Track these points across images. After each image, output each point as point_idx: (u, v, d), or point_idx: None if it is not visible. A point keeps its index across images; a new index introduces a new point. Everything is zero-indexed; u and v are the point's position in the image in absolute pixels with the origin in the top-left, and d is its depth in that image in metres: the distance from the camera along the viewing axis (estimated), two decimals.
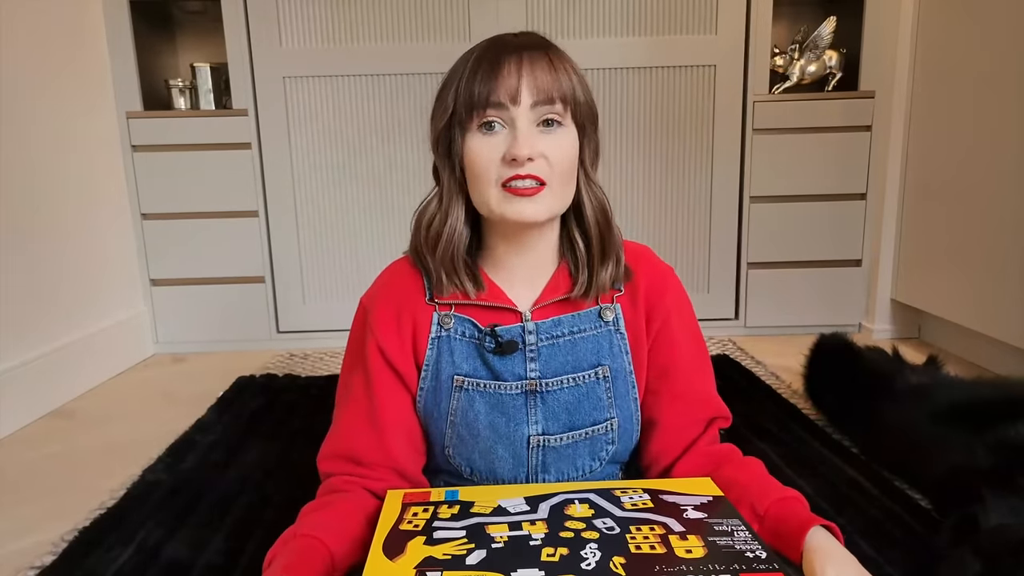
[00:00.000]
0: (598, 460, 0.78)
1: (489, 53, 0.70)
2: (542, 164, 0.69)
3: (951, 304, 1.83)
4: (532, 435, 0.75)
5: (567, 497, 0.67)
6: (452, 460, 0.78)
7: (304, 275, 2.14)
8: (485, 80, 0.68)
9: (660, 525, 0.61)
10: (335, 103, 2.04)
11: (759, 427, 1.39)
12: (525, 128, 0.68)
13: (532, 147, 0.67)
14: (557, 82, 0.69)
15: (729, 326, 2.19)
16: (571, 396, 0.75)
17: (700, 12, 2.01)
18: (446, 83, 0.72)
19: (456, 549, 0.58)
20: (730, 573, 0.54)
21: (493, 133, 0.69)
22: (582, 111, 0.72)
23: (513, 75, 0.68)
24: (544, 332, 0.75)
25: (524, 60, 0.68)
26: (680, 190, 2.12)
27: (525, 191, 0.68)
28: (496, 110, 0.68)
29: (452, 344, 0.75)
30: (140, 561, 0.99)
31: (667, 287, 0.79)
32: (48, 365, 1.68)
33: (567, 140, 0.70)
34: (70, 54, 1.83)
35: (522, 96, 0.68)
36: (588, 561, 0.56)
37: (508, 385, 0.74)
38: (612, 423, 0.77)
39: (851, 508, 1.09)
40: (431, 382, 0.76)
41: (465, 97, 0.69)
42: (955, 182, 1.78)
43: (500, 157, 0.68)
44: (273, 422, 1.52)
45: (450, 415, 0.76)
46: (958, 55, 1.76)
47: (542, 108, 0.69)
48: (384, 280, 0.81)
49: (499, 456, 0.75)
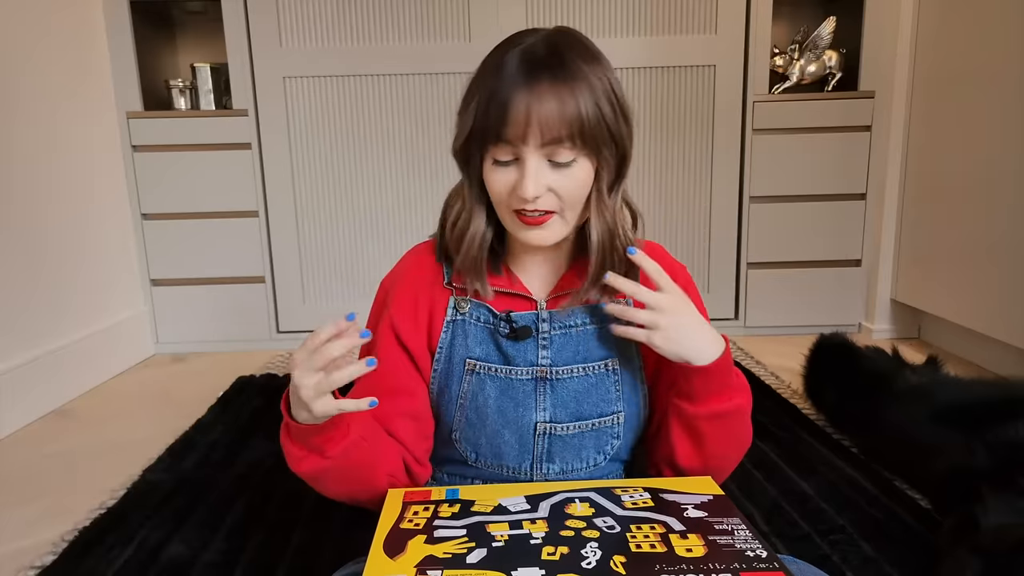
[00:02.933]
0: (603, 454, 0.79)
1: (506, 73, 0.68)
2: (550, 198, 0.70)
3: (951, 304, 1.83)
4: (539, 421, 0.76)
5: (567, 496, 0.67)
6: (458, 445, 0.80)
7: (304, 275, 2.14)
8: (497, 115, 0.68)
9: (660, 524, 0.61)
10: (335, 103, 2.05)
11: (759, 427, 1.38)
12: (533, 168, 0.68)
13: (538, 187, 0.68)
14: (565, 119, 0.67)
15: (729, 326, 2.19)
16: (580, 385, 0.77)
17: (700, 12, 2.01)
18: (469, 92, 0.72)
19: (457, 548, 0.58)
20: (730, 572, 0.54)
21: (506, 167, 0.70)
22: (598, 137, 0.69)
23: (521, 115, 0.66)
24: (557, 321, 0.77)
25: (534, 95, 0.66)
26: (680, 190, 2.12)
27: (533, 221, 0.70)
28: (507, 147, 0.69)
29: (467, 328, 0.77)
30: (140, 561, 0.99)
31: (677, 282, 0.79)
32: (48, 365, 1.68)
33: (578, 175, 0.70)
34: (70, 54, 1.83)
35: (530, 136, 0.67)
36: (588, 560, 0.56)
37: (519, 370, 0.76)
38: (619, 417, 0.78)
39: (851, 508, 1.09)
40: (444, 364, 0.78)
41: (481, 125, 0.69)
42: (955, 182, 1.78)
43: (511, 188, 0.70)
44: (273, 422, 1.51)
45: (460, 398, 0.77)
46: (958, 55, 1.76)
47: (549, 148, 0.68)
48: (406, 263, 0.83)
49: (505, 441, 0.77)
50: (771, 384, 1.68)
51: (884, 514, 1.07)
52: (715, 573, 0.54)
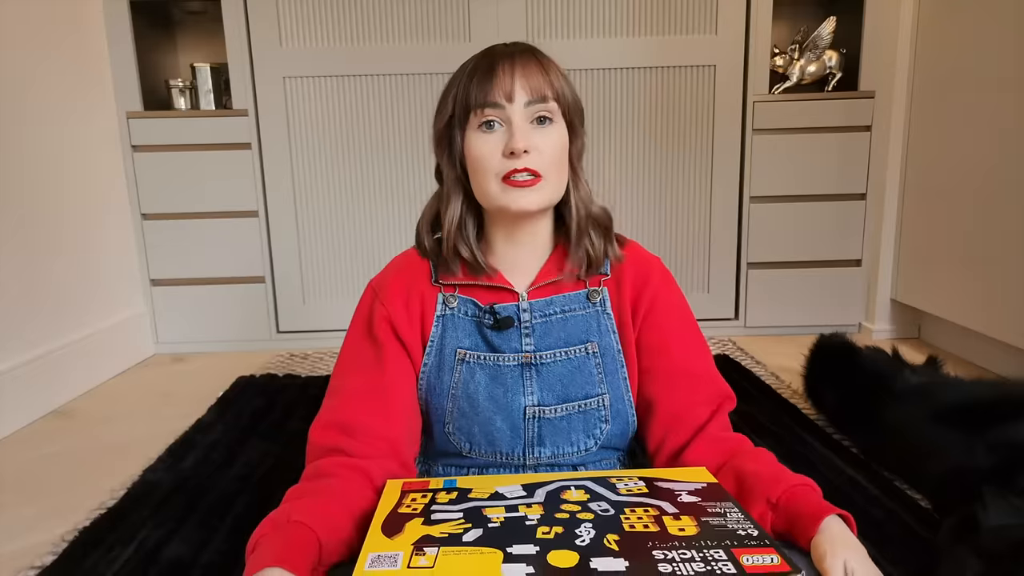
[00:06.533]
0: (592, 438, 0.82)
1: (484, 60, 0.77)
2: (536, 156, 0.75)
3: (951, 304, 1.83)
4: (528, 405, 0.80)
5: (563, 484, 0.69)
6: (452, 437, 0.82)
7: (304, 275, 2.14)
8: (482, 83, 0.75)
9: (654, 507, 0.62)
10: (335, 103, 2.05)
11: (759, 427, 1.39)
12: (520, 123, 0.75)
13: (527, 140, 0.74)
14: (548, 82, 0.76)
15: (729, 326, 2.19)
16: (564, 369, 0.81)
17: (700, 12, 2.01)
18: (447, 89, 0.80)
19: (453, 528, 0.59)
20: (722, 548, 0.55)
21: (492, 131, 0.76)
22: (571, 109, 0.79)
23: (508, 77, 0.75)
24: (538, 310, 0.82)
25: (517, 63, 0.76)
26: (680, 190, 2.12)
27: (523, 183, 0.75)
28: (494, 109, 0.75)
29: (456, 321, 0.82)
30: (140, 561, 0.99)
31: (651, 272, 0.85)
32: (48, 365, 1.68)
33: (558, 134, 0.77)
34: (70, 54, 1.83)
35: (516, 95, 0.75)
36: (582, 538, 0.57)
37: (506, 357, 0.81)
38: (604, 399, 0.81)
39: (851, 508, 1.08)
40: (435, 357, 0.82)
41: (464, 99, 0.76)
42: (955, 182, 1.78)
43: (499, 152, 0.75)
44: (273, 422, 1.52)
45: (452, 388, 0.81)
46: (958, 55, 1.76)
47: (535, 106, 0.76)
48: (393, 264, 0.88)
49: (497, 428, 0.80)
50: (771, 384, 1.68)
51: (884, 514, 1.07)
52: (707, 550, 0.55)
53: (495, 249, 0.83)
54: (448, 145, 0.79)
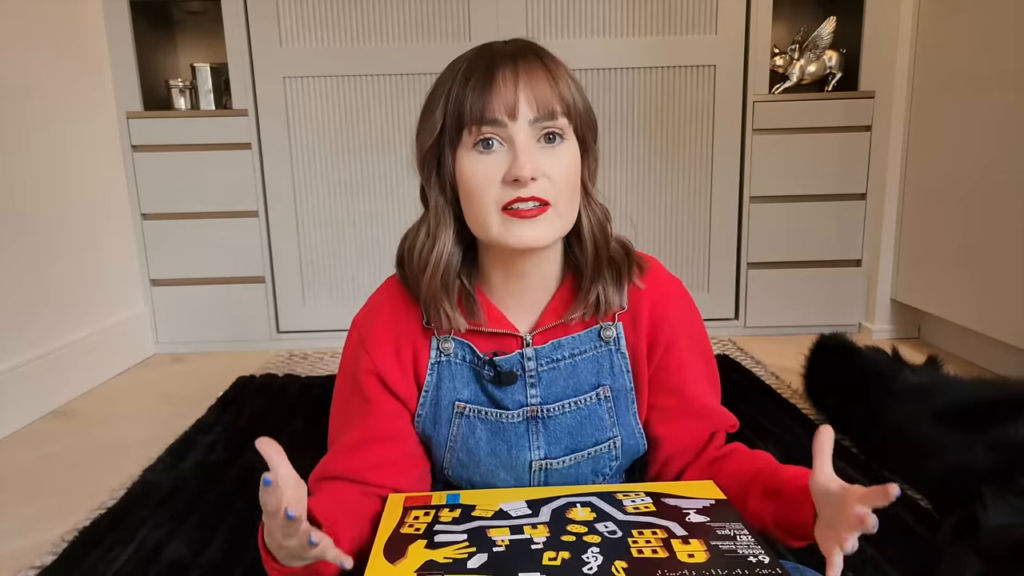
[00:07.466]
0: (601, 476, 0.77)
1: (480, 62, 0.64)
2: (545, 184, 0.63)
3: (951, 304, 1.83)
4: (534, 460, 0.73)
5: (569, 500, 0.67)
6: (451, 479, 0.78)
7: (304, 275, 2.14)
8: (479, 93, 0.62)
9: (662, 529, 0.61)
10: (335, 103, 2.04)
11: (759, 427, 1.39)
12: (525, 144, 0.62)
13: (534, 165, 0.62)
14: (557, 93, 0.63)
15: (729, 326, 2.19)
16: (573, 420, 0.73)
17: (700, 12, 2.01)
18: (432, 97, 0.68)
19: (457, 553, 0.58)
20: None
21: (489, 151, 0.64)
22: (584, 124, 0.67)
23: (510, 87, 0.62)
24: (544, 357, 0.72)
25: (520, 70, 0.63)
26: (680, 190, 2.12)
27: (527, 213, 0.63)
28: (492, 127, 0.63)
29: (452, 369, 0.73)
30: (140, 561, 0.99)
31: (670, 306, 0.75)
32: (48, 365, 1.68)
33: (570, 156, 0.65)
34: (70, 54, 1.83)
35: (520, 110, 0.62)
36: (590, 565, 0.55)
37: (510, 414, 0.72)
38: (615, 442, 0.75)
39: None
40: (430, 408, 0.73)
41: (456, 112, 0.64)
42: (955, 182, 1.78)
43: (499, 178, 0.63)
44: (273, 422, 1.52)
45: (450, 441, 0.73)
46: (958, 55, 1.76)
47: (543, 123, 0.63)
48: (378, 302, 0.76)
49: (501, 479, 0.74)
50: (771, 384, 1.68)
51: (884, 514, 1.06)
52: None
53: (492, 285, 0.72)
54: (435, 166, 0.68)
